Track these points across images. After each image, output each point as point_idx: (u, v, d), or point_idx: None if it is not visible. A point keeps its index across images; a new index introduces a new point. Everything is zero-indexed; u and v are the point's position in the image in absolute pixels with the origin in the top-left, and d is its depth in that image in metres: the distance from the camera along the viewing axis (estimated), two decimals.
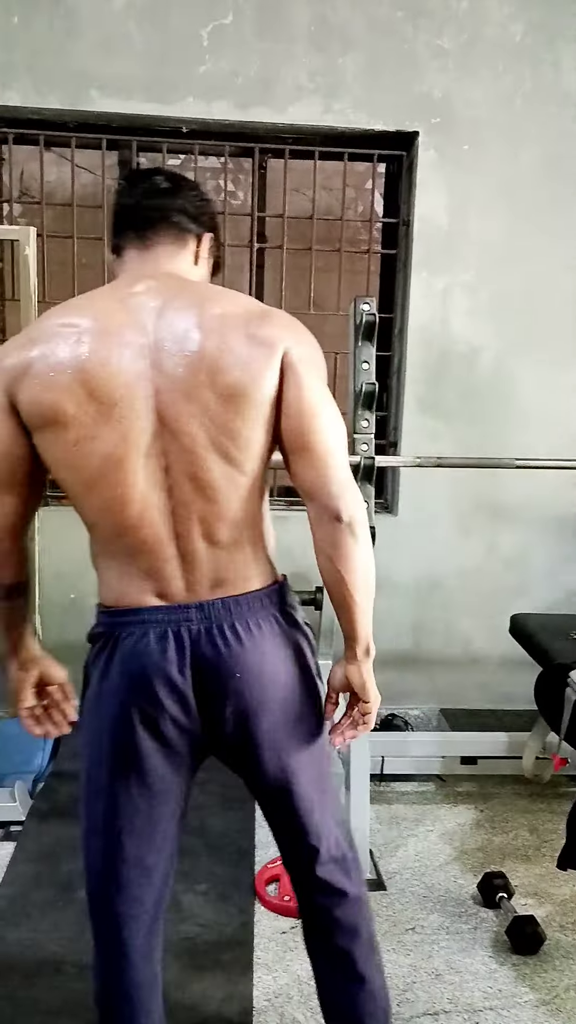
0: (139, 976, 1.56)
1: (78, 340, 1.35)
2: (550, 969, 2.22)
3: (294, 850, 1.61)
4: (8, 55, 3.03)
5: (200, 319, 1.38)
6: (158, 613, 1.42)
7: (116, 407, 1.34)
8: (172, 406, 1.36)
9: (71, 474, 1.39)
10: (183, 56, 3.08)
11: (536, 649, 2.72)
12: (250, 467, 1.41)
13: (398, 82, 3.16)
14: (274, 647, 1.46)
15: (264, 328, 1.40)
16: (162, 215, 1.51)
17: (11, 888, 2.43)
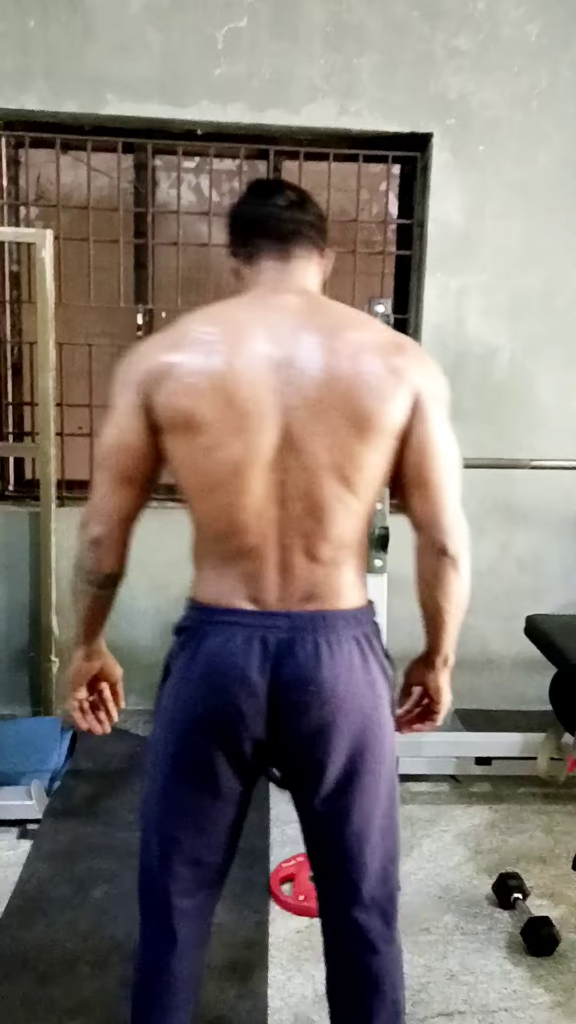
0: (184, 970, 1.57)
1: (219, 349, 1.39)
2: (565, 970, 2.21)
3: (332, 883, 1.58)
4: (25, 59, 3.05)
5: (338, 342, 1.41)
6: (248, 616, 1.44)
7: (249, 418, 1.38)
8: (300, 424, 1.39)
9: (195, 477, 1.43)
10: (198, 59, 3.09)
11: (551, 650, 2.72)
12: (364, 492, 1.45)
13: (413, 83, 3.16)
14: (352, 668, 1.46)
15: (400, 360, 1.43)
16: (298, 229, 1.53)
17: (27, 886, 2.44)
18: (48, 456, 3.16)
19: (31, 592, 3.35)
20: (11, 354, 3.44)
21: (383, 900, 1.57)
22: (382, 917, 1.57)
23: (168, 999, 1.58)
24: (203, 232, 3.33)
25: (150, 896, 1.58)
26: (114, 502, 1.47)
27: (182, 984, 1.58)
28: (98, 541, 1.49)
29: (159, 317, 3.44)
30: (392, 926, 1.58)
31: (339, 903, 1.57)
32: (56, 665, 3.30)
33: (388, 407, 1.41)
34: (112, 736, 3.24)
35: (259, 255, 1.52)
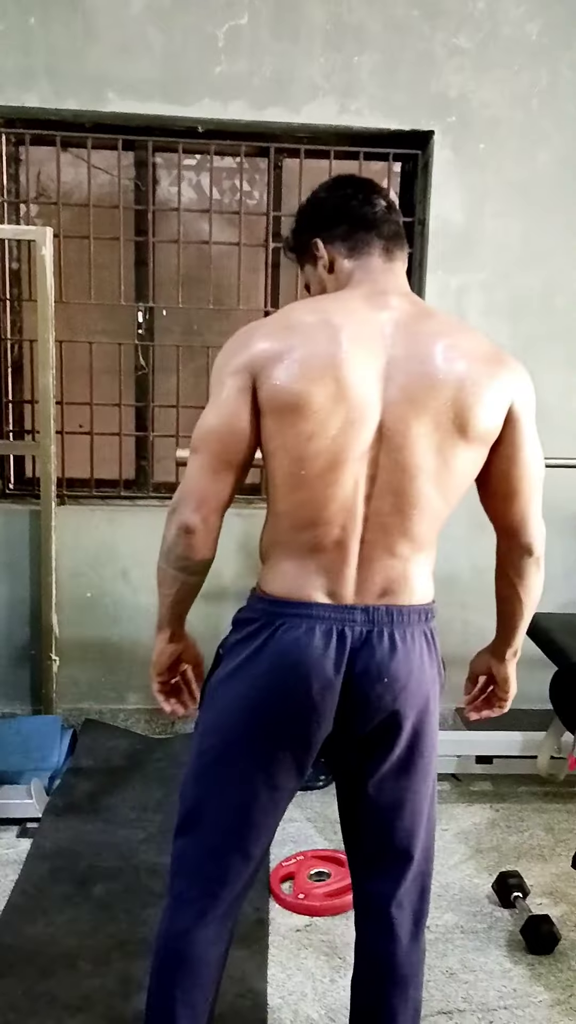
0: (201, 946, 1.55)
1: (332, 337, 1.40)
2: (565, 969, 2.22)
3: (372, 876, 1.60)
4: (26, 57, 3.05)
5: (443, 347, 1.43)
6: (326, 610, 1.45)
7: (354, 409, 1.39)
8: (400, 422, 1.41)
9: (291, 464, 1.42)
10: (199, 57, 3.09)
11: (552, 648, 2.72)
12: (451, 495, 1.48)
13: (414, 81, 3.15)
14: (422, 661, 1.49)
15: (501, 370, 1.46)
16: (400, 232, 1.58)
17: (28, 884, 2.44)
18: (48, 454, 3.16)
19: (31, 590, 3.35)
20: (11, 352, 3.44)
21: (416, 900, 1.59)
22: (414, 916, 1.59)
23: (188, 981, 1.55)
24: (204, 230, 3.33)
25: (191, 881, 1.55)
26: (213, 487, 1.45)
27: (207, 968, 1.56)
28: (192, 528, 1.46)
29: (160, 315, 3.44)
30: (421, 927, 1.60)
31: (378, 895, 1.59)
32: (56, 663, 3.30)
33: (487, 415, 1.44)
34: (112, 734, 3.28)
35: (367, 252, 1.53)
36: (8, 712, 3.38)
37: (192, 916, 1.54)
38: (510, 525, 1.56)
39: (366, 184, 1.60)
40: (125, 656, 3.38)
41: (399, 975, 1.58)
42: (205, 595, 1.60)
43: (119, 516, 3.37)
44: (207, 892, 1.54)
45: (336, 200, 1.57)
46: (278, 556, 1.50)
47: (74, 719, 3.37)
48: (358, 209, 1.54)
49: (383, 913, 1.58)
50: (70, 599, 3.34)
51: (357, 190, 1.57)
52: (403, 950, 1.58)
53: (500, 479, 1.52)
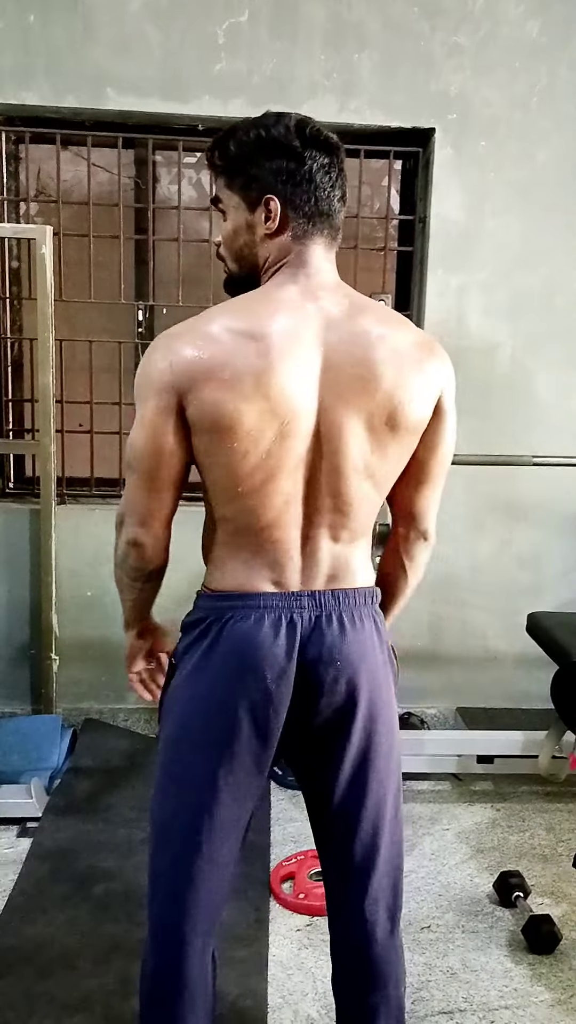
0: (194, 970, 1.51)
1: (262, 351, 1.33)
2: (566, 968, 2.21)
3: (344, 871, 1.56)
4: (26, 55, 3.05)
5: (376, 346, 1.39)
6: (274, 599, 1.43)
7: (288, 423, 1.36)
8: (335, 425, 1.38)
9: (228, 479, 1.39)
10: (199, 55, 3.08)
11: (553, 647, 2.71)
12: (385, 486, 1.49)
13: (414, 79, 3.15)
14: (372, 645, 1.49)
15: (432, 363, 1.45)
16: (342, 216, 1.47)
17: (27, 884, 2.44)
18: (48, 453, 3.16)
19: (31, 589, 3.34)
20: (11, 350, 3.43)
21: (389, 895, 1.56)
22: (388, 912, 1.56)
23: (180, 1000, 1.51)
24: (204, 228, 3.33)
25: (164, 900, 1.51)
26: (153, 504, 1.43)
27: (198, 987, 1.52)
28: (139, 543, 1.46)
29: (160, 313, 3.43)
30: (395, 922, 1.58)
31: (348, 902, 1.56)
32: (56, 663, 3.29)
33: (419, 408, 1.43)
34: (112, 734, 3.27)
35: (314, 238, 1.43)
36: (8, 712, 3.37)
37: (174, 944, 1.49)
38: (414, 512, 1.57)
39: (337, 153, 1.45)
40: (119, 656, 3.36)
41: (378, 974, 1.56)
42: None
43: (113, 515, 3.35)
44: (183, 910, 1.48)
45: (311, 168, 1.40)
46: (222, 556, 1.48)
47: (74, 719, 3.36)
48: (327, 190, 1.42)
49: (356, 912, 1.55)
50: (70, 598, 3.34)
51: (331, 163, 1.43)
52: (380, 948, 1.55)
53: (416, 468, 1.51)
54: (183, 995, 1.50)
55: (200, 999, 1.52)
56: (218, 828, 1.47)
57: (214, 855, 1.48)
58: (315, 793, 1.56)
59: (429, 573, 1.68)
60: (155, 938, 1.52)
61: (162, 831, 1.52)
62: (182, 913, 1.49)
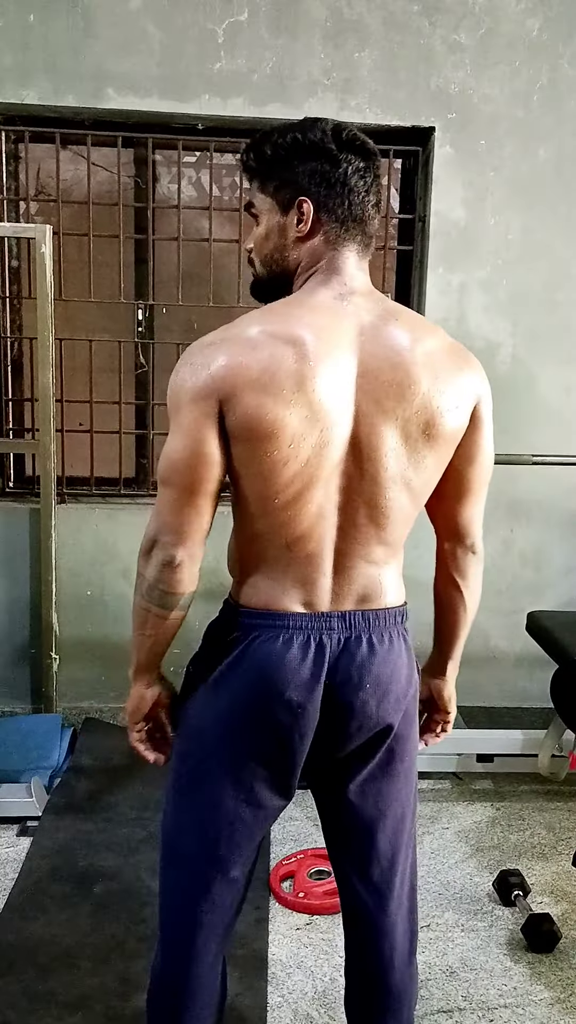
0: (204, 980, 1.50)
1: (303, 354, 1.30)
2: (566, 967, 2.21)
3: (361, 895, 1.54)
4: (25, 54, 3.04)
5: (411, 350, 1.36)
6: (302, 620, 1.39)
7: (328, 430, 1.33)
8: (373, 433, 1.35)
9: (265, 489, 1.34)
10: (199, 53, 3.08)
11: (553, 646, 2.71)
12: (421, 497, 1.44)
13: (414, 77, 3.15)
14: (402, 663, 1.46)
15: (467, 372, 1.42)
16: (376, 229, 1.46)
17: (27, 883, 2.44)
18: (48, 452, 3.16)
19: (31, 589, 3.34)
20: (11, 350, 3.43)
21: (407, 920, 1.55)
22: (407, 936, 1.55)
23: (193, 1014, 1.50)
24: (204, 227, 3.32)
25: (177, 916, 1.49)
26: (191, 519, 1.36)
27: (207, 998, 1.52)
28: (174, 563, 1.37)
29: (160, 312, 3.43)
30: (414, 946, 1.57)
31: (367, 914, 1.54)
32: (56, 662, 3.30)
33: (455, 416, 1.39)
34: (112, 733, 3.27)
35: (347, 243, 1.40)
36: (8, 711, 3.37)
37: (187, 958, 1.48)
38: (458, 525, 1.52)
39: (374, 159, 1.42)
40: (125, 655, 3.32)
41: (395, 999, 1.55)
42: (208, 594, 1.57)
43: (119, 515, 3.36)
44: (196, 925, 1.47)
45: (346, 171, 1.37)
46: (250, 571, 1.43)
47: (74, 718, 3.36)
48: (362, 195, 1.39)
49: (376, 937, 1.53)
50: (70, 598, 3.34)
51: (368, 168, 1.40)
52: (398, 974, 1.54)
53: (456, 479, 1.47)
54: (192, 1006, 1.50)
55: (208, 1010, 1.52)
56: (237, 848, 1.45)
57: (229, 873, 1.46)
58: (332, 805, 1.53)
59: (430, 571, 1.64)
60: (166, 951, 1.51)
61: (175, 847, 1.49)
62: (195, 928, 1.47)
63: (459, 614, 1.60)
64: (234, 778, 1.42)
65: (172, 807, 1.49)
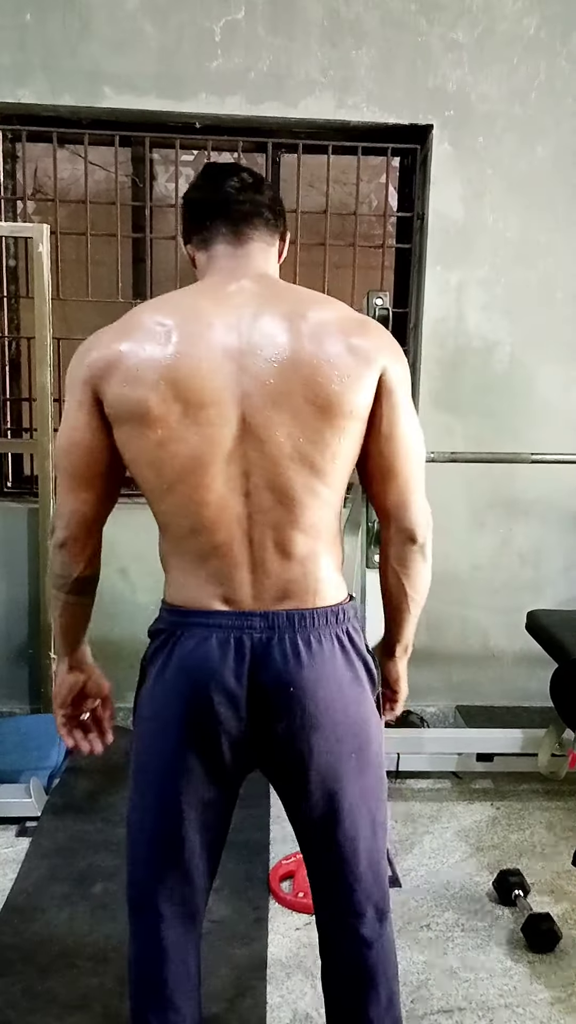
0: (176, 972, 1.54)
1: (169, 339, 1.33)
2: (566, 967, 2.20)
3: (327, 886, 1.55)
4: (22, 54, 3.04)
5: (297, 325, 1.36)
6: (222, 618, 1.39)
7: (204, 410, 1.33)
8: (260, 412, 1.34)
9: (151, 473, 1.37)
10: (195, 52, 3.07)
11: (553, 645, 2.71)
12: (333, 479, 1.40)
13: (411, 75, 3.14)
14: (334, 668, 1.42)
15: (364, 340, 1.38)
16: (255, 211, 1.48)
17: (26, 883, 2.44)
18: (46, 452, 3.15)
19: (30, 588, 3.34)
20: (9, 349, 3.43)
21: (378, 899, 1.55)
22: (377, 914, 1.55)
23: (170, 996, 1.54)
24: None
25: (138, 902, 1.55)
26: (73, 505, 1.42)
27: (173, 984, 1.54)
28: (62, 544, 1.45)
29: None
30: (385, 921, 1.56)
31: (334, 908, 1.55)
32: (55, 662, 3.28)
33: (353, 389, 1.36)
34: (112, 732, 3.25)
35: (214, 240, 1.47)
36: (7, 711, 3.37)
37: (154, 943, 1.53)
38: (389, 508, 1.46)
39: (221, 168, 1.52)
40: (124, 654, 3.33)
41: (367, 971, 1.54)
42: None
43: (117, 514, 3.29)
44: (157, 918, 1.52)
45: (191, 192, 1.51)
46: (172, 565, 1.45)
47: None
48: (206, 197, 1.49)
49: (341, 914, 1.54)
50: None
51: (210, 177, 1.50)
52: (367, 946, 1.54)
53: (375, 458, 1.43)
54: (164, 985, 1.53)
55: (182, 988, 1.55)
56: (186, 842, 1.48)
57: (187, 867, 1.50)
58: (289, 808, 1.55)
59: None
60: (136, 939, 1.57)
61: (135, 839, 1.55)
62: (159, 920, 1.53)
63: (400, 601, 1.54)
64: (173, 773, 1.45)
65: (130, 801, 1.54)
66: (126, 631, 3.33)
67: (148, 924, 1.54)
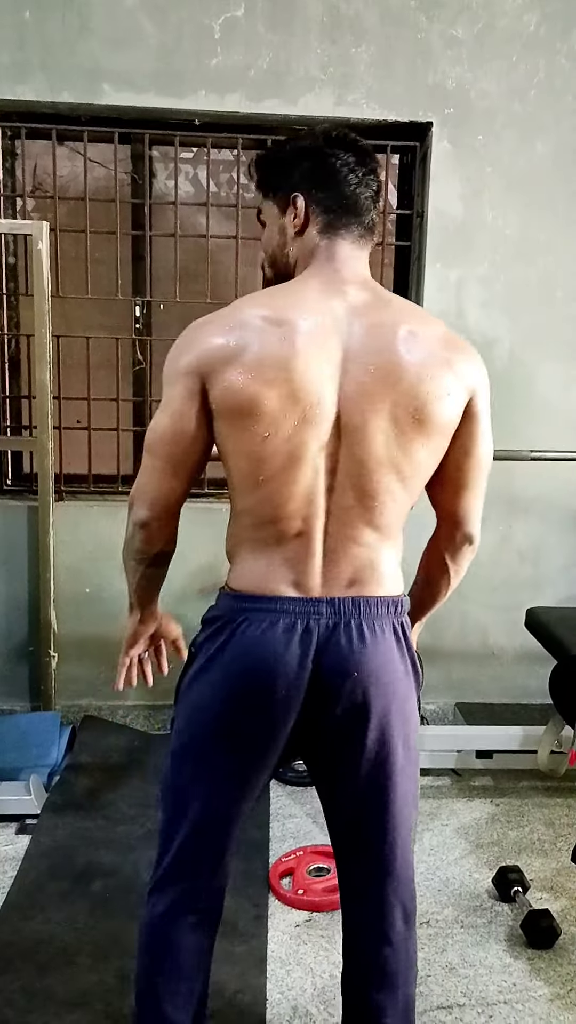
0: (190, 943, 1.58)
1: (283, 335, 1.37)
2: (565, 963, 2.21)
3: (363, 885, 1.56)
4: (21, 51, 3.03)
5: (401, 339, 1.40)
6: (290, 604, 1.43)
7: (310, 409, 1.37)
8: (357, 417, 1.39)
9: (248, 465, 1.41)
10: (195, 49, 3.07)
11: (552, 642, 2.71)
12: (413, 486, 1.46)
13: (411, 73, 3.14)
14: (393, 655, 1.47)
15: (462, 362, 1.44)
16: (376, 221, 1.52)
17: (26, 881, 2.44)
18: (46, 449, 3.15)
19: (30, 587, 3.34)
20: (8, 347, 3.43)
21: (406, 899, 1.56)
22: (404, 915, 1.56)
23: (175, 966, 1.57)
24: (201, 223, 3.32)
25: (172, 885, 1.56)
26: (162, 489, 1.46)
27: (189, 955, 1.58)
28: (145, 524, 1.48)
29: (157, 309, 3.42)
30: (411, 924, 1.58)
31: (365, 904, 1.56)
32: (55, 659, 3.29)
33: (447, 404, 1.42)
34: (111, 731, 3.27)
35: (342, 234, 1.47)
36: (7, 709, 3.37)
37: (172, 909, 1.55)
38: (457, 514, 1.56)
39: (368, 156, 1.50)
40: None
41: (389, 972, 1.56)
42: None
43: (117, 512, 3.32)
44: (187, 890, 1.55)
45: (335, 164, 1.46)
46: (243, 553, 1.49)
47: (73, 715, 3.36)
48: (354, 186, 1.47)
49: (372, 918, 1.55)
50: (68, 595, 3.33)
51: (360, 162, 1.48)
52: (394, 950, 1.55)
53: (454, 470, 1.50)
54: (172, 953, 1.56)
55: (188, 961, 1.58)
56: (225, 820, 1.53)
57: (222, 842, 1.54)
58: (330, 798, 1.57)
59: None
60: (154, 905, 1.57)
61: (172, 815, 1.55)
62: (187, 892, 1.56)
63: (440, 591, 1.66)
64: (222, 754, 1.48)
65: (170, 778, 1.56)
66: None
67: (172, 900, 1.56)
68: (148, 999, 1.57)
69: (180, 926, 1.55)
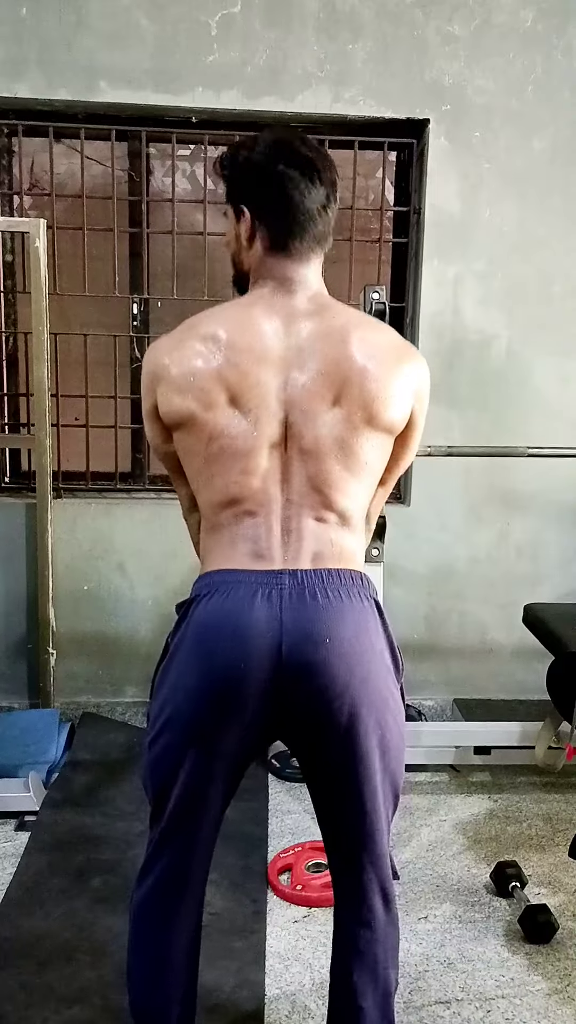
0: (179, 947, 1.58)
1: (221, 349, 1.44)
2: (563, 958, 2.22)
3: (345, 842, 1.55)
4: (18, 48, 3.03)
5: (350, 344, 1.45)
6: (253, 576, 1.43)
7: (251, 413, 1.44)
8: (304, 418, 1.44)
9: (199, 463, 1.49)
10: (192, 46, 3.07)
11: (550, 638, 2.71)
12: (366, 478, 1.51)
13: (408, 69, 3.14)
14: (365, 618, 1.45)
15: (407, 364, 1.50)
16: (327, 232, 1.54)
17: (25, 877, 2.44)
18: (44, 447, 3.15)
19: (28, 584, 3.34)
20: (6, 344, 3.43)
21: (384, 880, 1.56)
22: (382, 895, 1.56)
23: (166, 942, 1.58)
24: (198, 220, 3.32)
25: (157, 864, 1.56)
26: (182, 491, 1.62)
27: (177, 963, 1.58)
28: (187, 514, 1.66)
29: (154, 306, 3.42)
30: (391, 908, 1.58)
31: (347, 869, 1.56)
32: (54, 657, 3.29)
33: (395, 405, 1.47)
34: (110, 728, 3.27)
35: (288, 248, 1.50)
36: (6, 706, 3.37)
37: (154, 888, 1.56)
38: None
39: (311, 165, 1.48)
40: (123, 649, 3.37)
41: (368, 957, 1.56)
42: None
43: (115, 509, 3.36)
44: (167, 867, 1.55)
45: (279, 181, 1.46)
46: (208, 545, 1.52)
47: (72, 713, 3.36)
48: (298, 201, 1.47)
49: (352, 898, 1.56)
50: (67, 592, 3.34)
51: (303, 174, 1.47)
52: (373, 932, 1.55)
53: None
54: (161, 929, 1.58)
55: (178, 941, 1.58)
56: (205, 798, 1.50)
57: (202, 821, 1.52)
58: (311, 778, 1.57)
59: (426, 564, 1.67)
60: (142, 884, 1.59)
61: (156, 800, 1.54)
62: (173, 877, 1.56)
63: None
64: (194, 729, 1.45)
65: (148, 764, 1.54)
66: (124, 627, 3.35)
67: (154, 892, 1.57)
68: (138, 983, 1.60)
69: (163, 905, 1.57)
